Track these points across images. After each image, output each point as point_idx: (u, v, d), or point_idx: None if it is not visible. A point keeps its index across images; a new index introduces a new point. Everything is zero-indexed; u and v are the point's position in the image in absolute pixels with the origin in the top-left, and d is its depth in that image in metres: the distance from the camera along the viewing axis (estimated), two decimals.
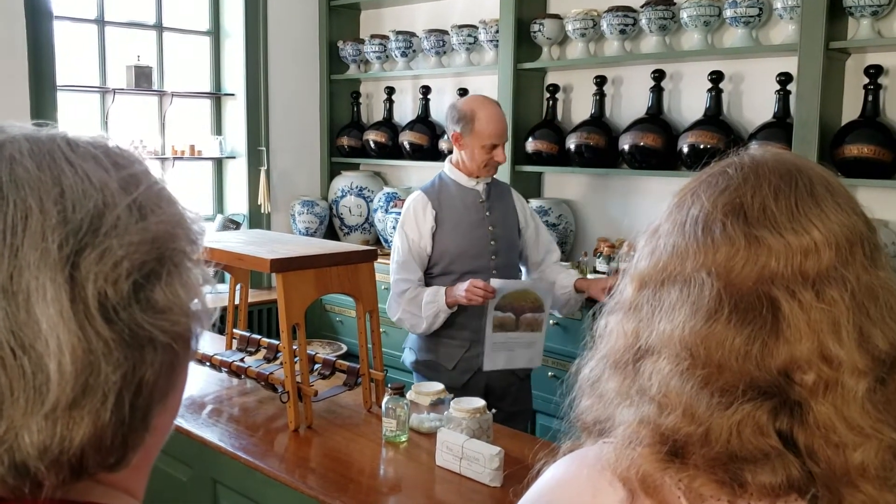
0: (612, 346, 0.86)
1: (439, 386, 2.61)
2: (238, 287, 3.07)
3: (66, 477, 0.60)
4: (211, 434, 2.42)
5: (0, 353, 0.56)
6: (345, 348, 4.46)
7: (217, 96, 4.97)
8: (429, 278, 3.05)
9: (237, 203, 4.98)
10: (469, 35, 4.47)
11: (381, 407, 2.40)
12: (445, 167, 3.08)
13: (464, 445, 2.12)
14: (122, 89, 4.42)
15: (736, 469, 0.75)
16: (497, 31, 4.25)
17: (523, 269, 3.22)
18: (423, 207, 3.01)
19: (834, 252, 0.78)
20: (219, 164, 5.02)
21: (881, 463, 0.74)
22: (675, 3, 3.71)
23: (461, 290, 2.85)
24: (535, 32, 4.15)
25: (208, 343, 3.29)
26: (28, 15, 3.78)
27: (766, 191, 0.82)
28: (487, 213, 3.02)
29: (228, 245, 2.63)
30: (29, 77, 3.74)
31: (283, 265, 2.39)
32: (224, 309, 3.12)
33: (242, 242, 2.72)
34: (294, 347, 2.45)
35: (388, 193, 4.80)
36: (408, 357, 3.15)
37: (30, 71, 3.75)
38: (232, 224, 4.78)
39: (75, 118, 4.31)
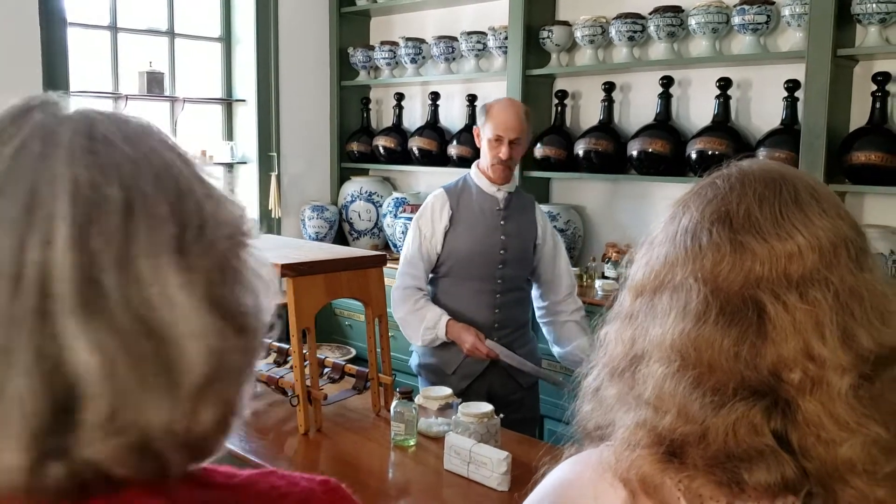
0: (611, 354, 0.88)
1: (447, 391, 2.64)
2: None
3: (191, 459, 0.62)
4: None
5: (134, 336, 0.57)
6: (354, 352, 4.49)
7: (228, 102, 5.01)
8: (433, 277, 3.07)
9: (248, 208, 4.98)
10: (478, 42, 4.50)
11: (389, 411, 2.42)
12: (471, 170, 3.07)
13: (472, 450, 2.14)
14: (135, 95, 4.46)
15: (733, 468, 0.77)
16: (506, 38, 4.28)
17: (535, 285, 3.16)
18: (441, 205, 3.02)
19: (818, 255, 0.80)
20: (230, 169, 5.05)
21: (868, 457, 0.76)
22: (683, 10, 3.73)
23: (467, 341, 2.88)
24: (543, 39, 4.17)
25: None
26: (42, 21, 3.82)
27: (750, 199, 0.84)
28: (503, 223, 3.01)
29: None
30: (43, 83, 3.78)
31: (293, 270, 2.42)
32: None
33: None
34: (304, 351, 2.47)
35: (397, 199, 4.82)
36: (413, 360, 3.17)
37: (44, 77, 3.79)
38: None
39: None
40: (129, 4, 4.54)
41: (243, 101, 4.96)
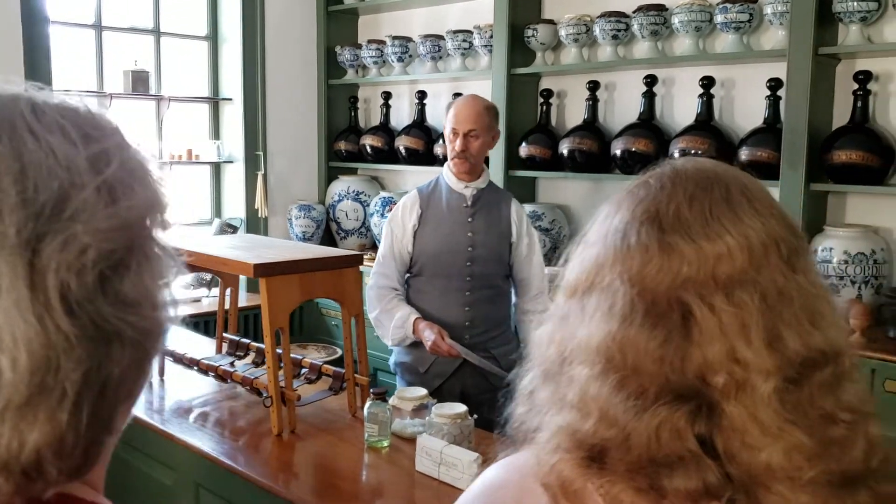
0: (544, 356, 0.87)
1: (422, 391, 2.63)
2: (228, 291, 3.08)
3: (20, 484, 0.55)
4: (195, 438, 2.44)
5: None
6: (340, 352, 4.47)
7: (215, 101, 5.00)
8: (408, 277, 3.07)
9: (235, 207, 5.00)
10: (464, 40, 4.49)
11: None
12: (443, 169, 3.08)
13: (442, 451, 2.13)
14: (120, 94, 4.45)
15: (654, 474, 0.76)
16: (491, 37, 4.27)
17: (513, 284, 3.12)
18: (411, 205, 3.04)
19: (747, 256, 0.79)
20: (216, 168, 5.04)
21: (790, 463, 0.75)
22: (666, 9, 3.72)
23: (428, 336, 2.87)
24: (528, 38, 4.16)
25: (198, 347, 3.31)
26: (24, 20, 3.81)
27: (681, 198, 0.83)
28: (470, 220, 3.00)
29: (214, 250, 2.64)
30: (25, 81, 3.76)
31: (266, 270, 2.41)
32: (215, 313, 3.15)
33: (230, 247, 2.74)
34: (280, 351, 2.46)
35: (385, 198, 4.81)
36: (392, 358, 3.16)
37: (26, 76, 3.78)
38: (229, 228, 4.81)
39: None
40: (115, 2, 4.53)
41: (230, 99, 4.95)
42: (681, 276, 0.78)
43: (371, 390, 2.39)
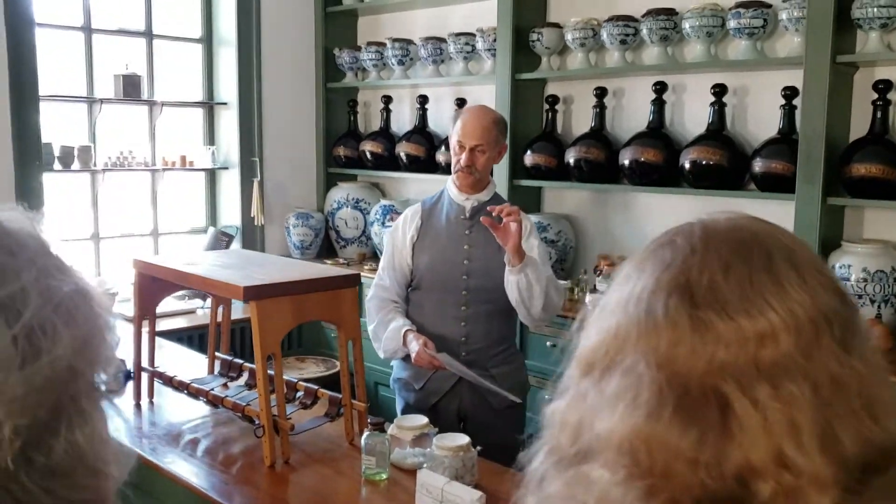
0: (557, 441, 0.75)
1: (422, 420, 2.51)
2: (220, 308, 2.96)
3: None
4: (183, 469, 2.31)
5: None
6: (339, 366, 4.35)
7: (209, 105, 4.86)
8: (409, 290, 2.97)
9: (230, 215, 4.87)
10: (467, 43, 4.35)
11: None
12: (448, 180, 2.98)
13: (444, 489, 2.00)
14: (110, 99, 4.31)
15: None
16: (495, 40, 4.13)
17: None
18: (412, 217, 2.96)
19: (794, 337, 0.66)
20: (211, 175, 4.91)
21: None
22: (677, 13, 3.59)
23: (414, 348, 2.76)
24: (533, 42, 4.03)
25: (190, 365, 3.19)
26: (8, 23, 3.67)
27: (715, 266, 0.70)
28: (468, 232, 2.88)
29: (202, 269, 2.51)
30: (10, 87, 3.63)
31: (257, 293, 2.28)
32: (206, 329, 3.02)
33: (219, 266, 2.61)
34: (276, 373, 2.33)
35: (385, 206, 4.68)
36: (392, 374, 3.05)
37: (10, 80, 3.64)
38: (224, 237, 4.68)
39: (61, 129, 4.21)
40: (104, 4, 4.39)
41: (225, 104, 4.82)
42: (717, 361, 0.66)
43: (369, 420, 2.26)
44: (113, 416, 0.53)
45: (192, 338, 4.08)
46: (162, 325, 4.15)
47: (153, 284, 2.74)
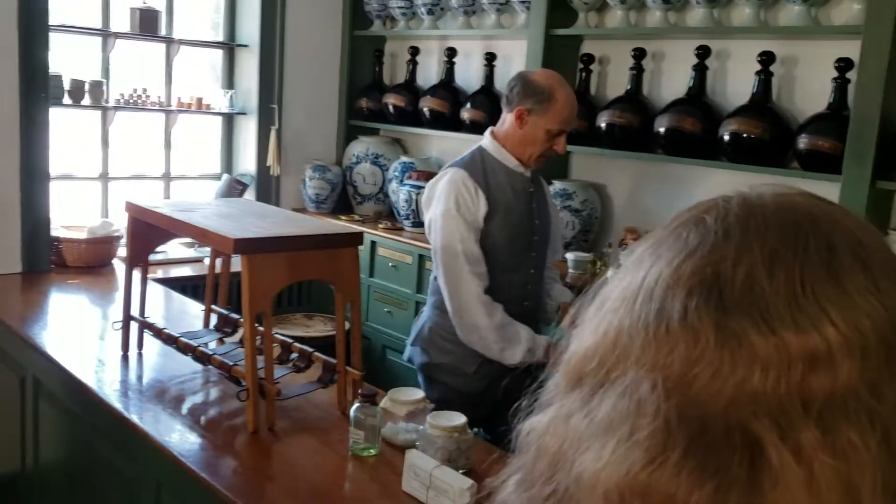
0: (531, 470, 0.56)
1: (419, 394, 2.34)
2: (219, 261, 2.80)
3: None
4: (162, 429, 2.17)
5: None
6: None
7: (229, 47, 4.69)
8: None
9: (246, 163, 4.72)
10: None
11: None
12: (488, 144, 2.67)
13: (432, 473, 1.84)
14: (126, 34, 4.15)
15: None
16: None
17: None
18: (474, 189, 2.60)
19: (859, 363, 0.47)
20: (228, 120, 4.75)
21: None
22: None
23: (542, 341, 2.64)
24: None
25: (187, 317, 3.05)
26: None
27: (756, 256, 0.50)
28: (535, 205, 2.72)
29: (197, 217, 2.35)
30: (19, 14, 3.46)
31: (248, 246, 2.11)
32: (203, 280, 2.87)
33: (216, 215, 2.45)
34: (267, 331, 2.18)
35: (405, 163, 4.49)
36: (417, 357, 2.81)
37: (19, 8, 3.46)
38: (238, 185, 4.53)
39: (73, 62, 4.06)
40: None
41: (246, 46, 4.65)
42: (748, 389, 0.47)
43: (360, 392, 2.09)
44: None
45: (198, 288, 3.94)
46: (170, 272, 4.03)
47: (147, 230, 2.59)
